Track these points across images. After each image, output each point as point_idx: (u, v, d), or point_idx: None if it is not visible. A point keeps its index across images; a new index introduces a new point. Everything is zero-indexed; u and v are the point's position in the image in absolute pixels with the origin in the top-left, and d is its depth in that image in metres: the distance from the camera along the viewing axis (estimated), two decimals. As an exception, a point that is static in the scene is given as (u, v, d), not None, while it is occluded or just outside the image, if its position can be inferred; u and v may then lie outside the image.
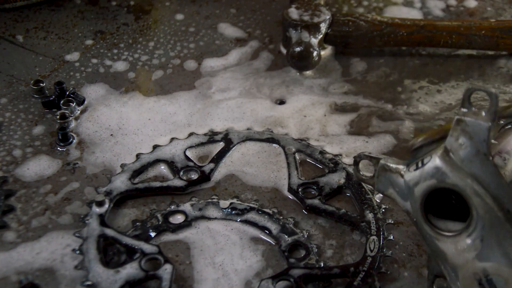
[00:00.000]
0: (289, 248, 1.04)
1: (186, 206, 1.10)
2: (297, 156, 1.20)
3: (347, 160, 1.19)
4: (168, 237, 1.07)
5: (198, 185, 1.15)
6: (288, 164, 1.18)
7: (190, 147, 1.21)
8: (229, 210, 1.10)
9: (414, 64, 1.44)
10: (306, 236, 1.06)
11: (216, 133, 1.24)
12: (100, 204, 1.07)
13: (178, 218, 1.09)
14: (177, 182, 1.14)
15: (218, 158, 1.19)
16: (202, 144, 1.22)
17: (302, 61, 1.35)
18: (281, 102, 1.33)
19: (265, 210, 1.10)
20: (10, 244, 1.05)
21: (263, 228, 1.07)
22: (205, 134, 1.24)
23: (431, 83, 1.40)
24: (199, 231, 1.07)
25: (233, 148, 1.22)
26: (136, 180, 1.15)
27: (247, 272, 1.02)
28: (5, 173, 1.16)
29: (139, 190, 1.13)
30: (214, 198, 1.12)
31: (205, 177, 1.15)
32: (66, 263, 1.02)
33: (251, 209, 1.10)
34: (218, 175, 1.17)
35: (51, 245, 1.04)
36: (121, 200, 1.11)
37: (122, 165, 1.16)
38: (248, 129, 1.25)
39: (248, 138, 1.23)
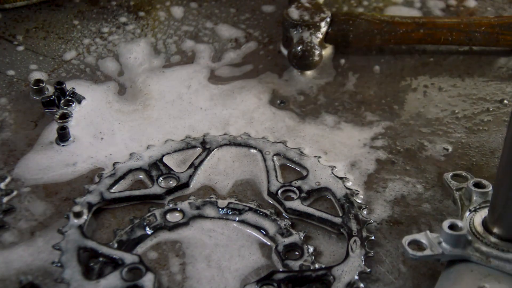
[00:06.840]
0: (285, 249, 1.03)
1: (184, 205, 1.10)
2: (276, 159, 1.18)
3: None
4: (165, 235, 1.07)
5: (177, 191, 1.14)
6: (266, 167, 1.17)
7: (168, 153, 1.20)
8: (227, 209, 1.09)
9: (414, 62, 1.43)
10: (302, 237, 1.05)
11: (194, 139, 1.22)
12: (78, 215, 1.06)
13: (176, 216, 1.09)
14: (156, 190, 1.13)
15: (196, 164, 1.18)
16: (179, 150, 1.21)
17: (303, 61, 1.34)
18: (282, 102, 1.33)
19: (263, 210, 1.09)
20: (10, 244, 1.06)
21: (259, 229, 1.07)
22: (182, 140, 1.22)
23: (431, 82, 1.38)
24: (196, 229, 1.08)
25: (211, 154, 1.20)
26: (114, 189, 1.14)
27: (242, 271, 1.02)
28: (5, 173, 1.17)
29: (117, 199, 1.12)
30: (212, 197, 1.12)
31: (184, 183, 1.14)
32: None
33: (249, 209, 1.09)
34: (197, 181, 1.16)
35: (51, 245, 1.03)
36: (100, 209, 1.11)
37: (99, 175, 1.15)
38: (225, 134, 1.24)
39: (225, 143, 1.21)
